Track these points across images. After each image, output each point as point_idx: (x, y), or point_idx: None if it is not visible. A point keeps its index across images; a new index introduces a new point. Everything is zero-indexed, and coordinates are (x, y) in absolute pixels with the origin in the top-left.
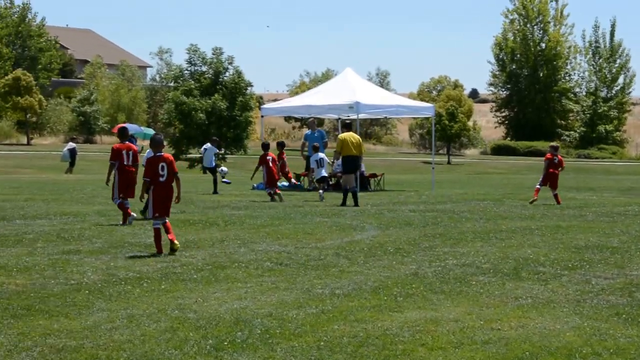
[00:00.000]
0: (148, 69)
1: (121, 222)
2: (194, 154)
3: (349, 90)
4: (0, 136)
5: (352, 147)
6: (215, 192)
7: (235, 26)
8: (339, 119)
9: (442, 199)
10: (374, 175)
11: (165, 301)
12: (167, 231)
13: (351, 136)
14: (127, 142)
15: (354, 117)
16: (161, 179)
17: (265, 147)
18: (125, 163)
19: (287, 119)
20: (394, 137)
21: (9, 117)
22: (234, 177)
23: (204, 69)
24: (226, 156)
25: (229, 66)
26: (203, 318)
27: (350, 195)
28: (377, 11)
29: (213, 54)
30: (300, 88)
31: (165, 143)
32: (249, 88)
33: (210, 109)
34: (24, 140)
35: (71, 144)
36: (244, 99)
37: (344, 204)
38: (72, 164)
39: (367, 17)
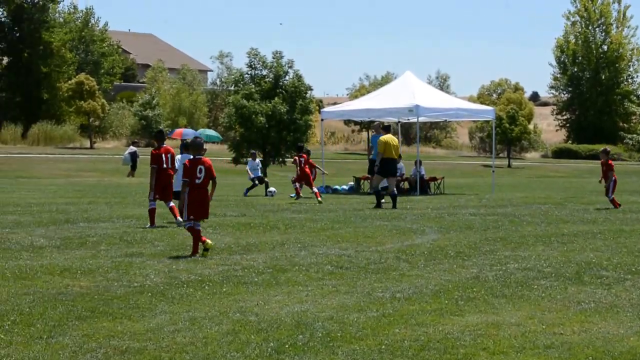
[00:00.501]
0: (209, 72)
1: (148, 225)
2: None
3: (408, 94)
4: (64, 140)
5: (392, 150)
6: (266, 194)
7: (296, 30)
8: (399, 122)
9: (503, 203)
10: (434, 179)
11: (227, 304)
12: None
13: (392, 139)
14: (165, 146)
15: (415, 120)
16: (197, 181)
17: (299, 148)
18: (164, 166)
19: (347, 122)
20: (453, 141)
21: (73, 121)
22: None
23: (264, 72)
24: (285, 159)
25: (289, 70)
26: (264, 321)
27: (375, 196)
28: (437, 14)
29: (273, 58)
30: (359, 91)
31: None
32: (309, 92)
33: (270, 112)
34: (87, 144)
35: (132, 148)
36: (304, 103)
37: (379, 205)
38: (133, 167)
39: (427, 20)
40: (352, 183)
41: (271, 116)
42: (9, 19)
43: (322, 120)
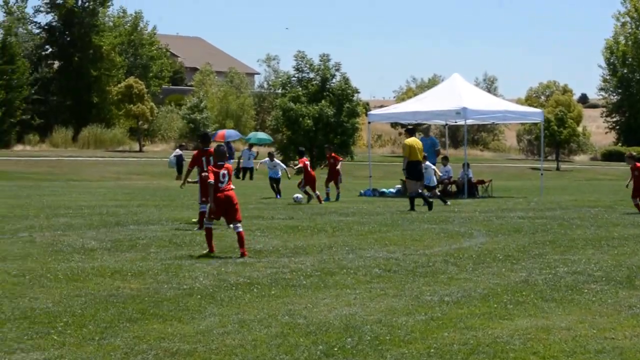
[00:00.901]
0: (256, 75)
1: (197, 228)
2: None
3: (456, 96)
4: (114, 143)
5: (417, 153)
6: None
7: (342, 33)
8: (446, 124)
9: (552, 206)
10: (481, 182)
11: (276, 307)
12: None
13: (416, 142)
14: (208, 149)
15: (462, 122)
16: (221, 185)
17: (301, 153)
18: (204, 169)
19: (394, 125)
20: (501, 143)
21: (122, 125)
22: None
23: (312, 75)
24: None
25: (336, 73)
26: (313, 324)
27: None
28: (483, 16)
29: (320, 61)
30: (406, 94)
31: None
32: (355, 94)
33: (317, 115)
34: (136, 147)
35: (178, 151)
36: (350, 106)
37: (413, 208)
38: (179, 170)
39: (473, 22)
40: (399, 186)
41: (318, 119)
42: (60, 23)
43: (369, 123)
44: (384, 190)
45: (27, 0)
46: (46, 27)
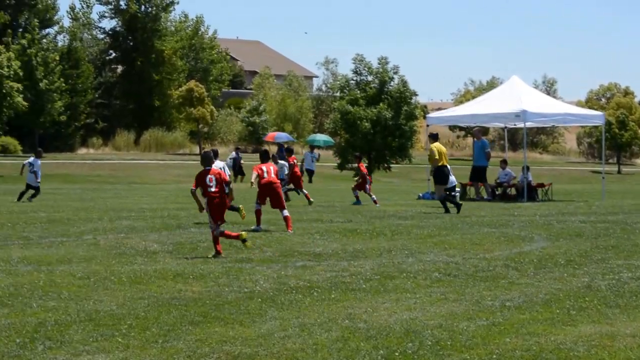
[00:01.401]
0: (314, 79)
1: (254, 227)
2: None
3: (515, 99)
4: (174, 146)
5: (444, 158)
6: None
7: (401, 35)
8: (505, 127)
9: (614, 210)
10: (541, 185)
11: (336, 310)
12: (229, 236)
13: (440, 147)
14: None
15: (522, 125)
16: (210, 189)
17: (289, 151)
18: (264, 176)
19: (452, 127)
20: (560, 146)
21: (183, 128)
22: (400, 186)
23: (370, 78)
24: (390, 165)
25: (394, 75)
26: (373, 328)
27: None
28: (542, 18)
29: (379, 64)
30: (464, 97)
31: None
32: (414, 97)
33: (375, 118)
34: (197, 150)
35: (234, 154)
36: (409, 108)
37: (447, 211)
38: (236, 173)
39: (532, 24)
40: (458, 189)
41: (376, 122)
42: (124, 29)
43: (427, 125)
44: None
45: (93, 6)
46: (110, 32)
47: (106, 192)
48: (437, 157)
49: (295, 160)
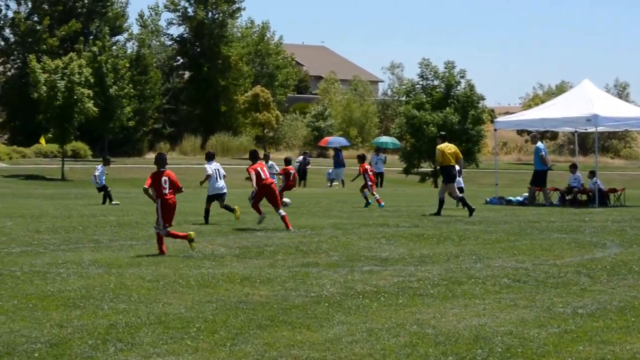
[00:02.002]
0: (380, 83)
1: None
2: (425, 167)
3: (586, 103)
4: (240, 151)
5: (450, 158)
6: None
7: (467, 39)
8: (575, 132)
9: None
10: (613, 190)
11: (403, 316)
12: (176, 236)
13: (447, 147)
14: (259, 162)
15: (593, 129)
16: (165, 191)
17: (266, 157)
18: (262, 177)
19: (520, 132)
20: (633, 151)
21: (248, 133)
22: (466, 191)
23: (436, 82)
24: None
25: (461, 79)
26: (442, 334)
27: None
28: (612, 21)
29: (445, 68)
30: (533, 101)
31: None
32: (481, 101)
33: (441, 122)
34: (262, 154)
35: (300, 158)
36: (475, 113)
37: (438, 213)
38: (301, 177)
39: (603, 27)
40: (527, 194)
41: (442, 126)
42: (191, 35)
43: (495, 130)
44: (511, 198)
45: (161, 13)
46: (178, 38)
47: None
48: (439, 158)
49: (292, 171)
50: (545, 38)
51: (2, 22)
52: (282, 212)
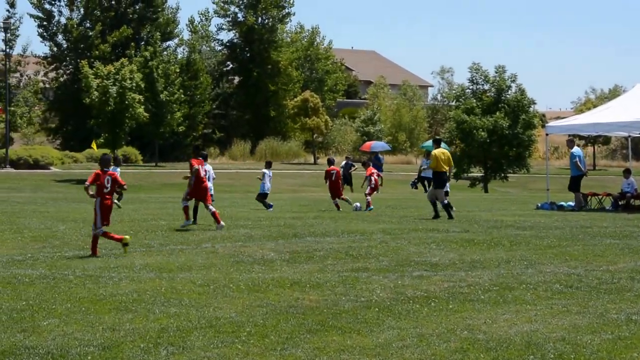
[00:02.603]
0: (429, 88)
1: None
2: (475, 172)
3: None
4: (289, 156)
5: (443, 163)
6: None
7: (518, 43)
8: (629, 136)
9: None
10: None
11: (454, 321)
12: (112, 238)
13: (442, 152)
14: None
15: None
16: (105, 190)
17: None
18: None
19: (572, 137)
20: None
21: (297, 137)
22: (517, 196)
23: (486, 87)
24: (507, 175)
25: (512, 84)
26: (493, 340)
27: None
28: None
29: (496, 72)
30: (585, 105)
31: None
32: (532, 106)
33: (491, 127)
34: (311, 159)
35: (342, 163)
36: (526, 117)
37: (437, 216)
38: (345, 182)
39: None
40: (570, 203)
41: (493, 131)
42: (241, 40)
43: (546, 135)
44: (562, 203)
45: (211, 19)
46: (228, 44)
47: (223, 201)
48: (434, 164)
49: (334, 170)
50: (598, 41)
51: (55, 28)
52: (212, 208)
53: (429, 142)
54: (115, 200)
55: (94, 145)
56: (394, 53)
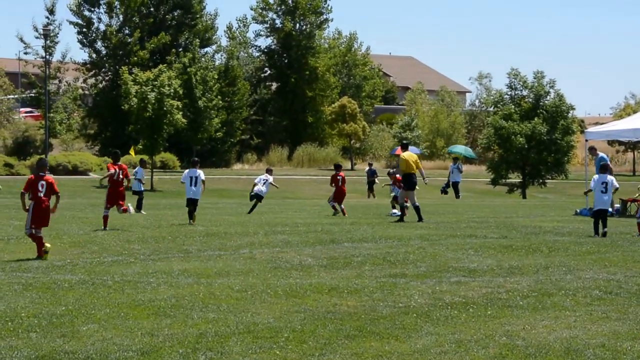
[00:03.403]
0: (467, 94)
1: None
2: (513, 178)
3: None
4: (327, 162)
5: (412, 165)
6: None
7: (556, 48)
8: None
9: None
10: None
11: (492, 327)
12: (38, 244)
13: (410, 155)
14: (119, 163)
15: None
16: (40, 194)
17: (337, 167)
18: (114, 179)
19: (611, 142)
20: None
21: (335, 143)
22: (555, 202)
23: (525, 92)
24: (546, 181)
25: (550, 89)
26: (532, 346)
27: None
28: None
29: (534, 78)
30: (624, 110)
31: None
32: (570, 111)
33: (530, 133)
34: (348, 165)
35: (365, 169)
36: (565, 123)
37: (401, 219)
38: (370, 188)
39: None
40: (618, 205)
41: (531, 137)
42: (279, 46)
43: (586, 140)
44: None
45: (249, 25)
46: (265, 50)
47: (261, 207)
48: (403, 166)
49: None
50: (638, 46)
51: (94, 35)
52: (107, 212)
53: (458, 147)
54: (132, 208)
55: (132, 151)
56: (432, 59)
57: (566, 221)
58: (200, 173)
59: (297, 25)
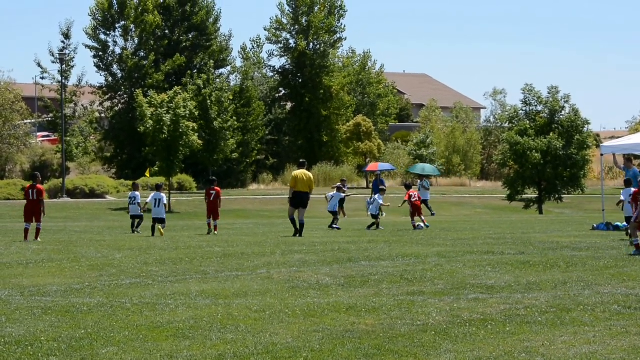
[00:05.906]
0: (482, 110)
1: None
2: (529, 194)
3: None
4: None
5: (303, 184)
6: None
7: (571, 63)
8: None
9: None
10: None
11: (511, 344)
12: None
13: (303, 174)
14: (37, 184)
15: None
16: (30, 198)
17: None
18: (30, 198)
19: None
20: None
21: (350, 162)
22: (572, 217)
23: (540, 108)
24: (562, 196)
25: (565, 104)
26: None
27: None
28: None
29: (549, 93)
30: None
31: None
32: (586, 126)
33: (545, 148)
34: (364, 184)
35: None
36: (581, 137)
37: (296, 234)
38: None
39: None
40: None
41: (546, 152)
42: (293, 66)
43: (601, 155)
44: (618, 223)
45: (263, 45)
46: (280, 70)
47: (277, 227)
48: (292, 183)
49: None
50: None
51: (110, 58)
52: (40, 226)
53: (417, 167)
54: (137, 229)
55: (147, 173)
56: (446, 76)
57: (583, 236)
58: (164, 197)
59: (311, 44)
